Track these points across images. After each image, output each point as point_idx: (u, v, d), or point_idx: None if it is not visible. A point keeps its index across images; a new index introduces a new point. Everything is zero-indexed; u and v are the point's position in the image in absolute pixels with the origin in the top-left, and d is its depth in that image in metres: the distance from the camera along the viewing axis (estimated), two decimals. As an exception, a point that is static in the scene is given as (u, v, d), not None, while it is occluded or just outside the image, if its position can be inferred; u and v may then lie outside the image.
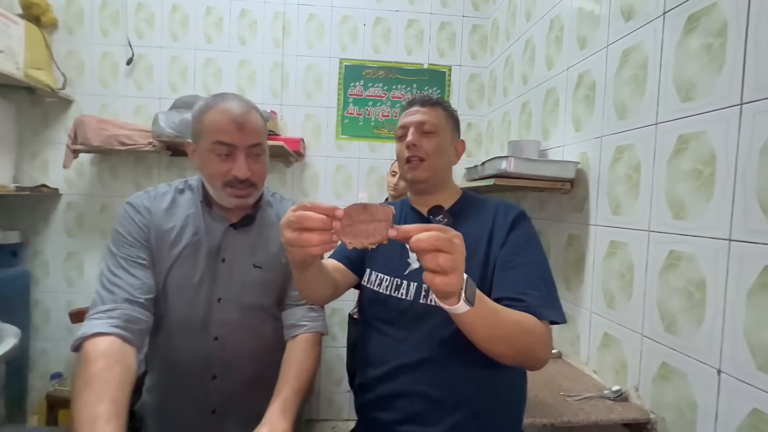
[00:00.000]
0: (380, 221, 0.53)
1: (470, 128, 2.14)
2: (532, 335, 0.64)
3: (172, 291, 0.81)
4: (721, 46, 0.79)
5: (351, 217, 0.53)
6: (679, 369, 0.86)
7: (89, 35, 1.97)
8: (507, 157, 1.20)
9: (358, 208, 0.54)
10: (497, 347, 0.62)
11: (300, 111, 2.06)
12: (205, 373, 0.82)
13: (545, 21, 1.50)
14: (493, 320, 0.59)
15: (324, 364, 2.10)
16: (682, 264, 0.86)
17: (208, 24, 2.01)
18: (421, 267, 0.73)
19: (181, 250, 0.81)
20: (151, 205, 0.83)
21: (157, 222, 0.82)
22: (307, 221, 0.52)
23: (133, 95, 2.00)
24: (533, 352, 0.65)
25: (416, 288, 0.77)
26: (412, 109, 0.84)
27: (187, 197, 0.87)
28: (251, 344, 0.84)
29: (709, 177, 0.80)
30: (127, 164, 2.00)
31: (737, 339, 0.74)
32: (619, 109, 1.08)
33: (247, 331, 0.84)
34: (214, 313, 0.82)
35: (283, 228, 0.54)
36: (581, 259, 1.23)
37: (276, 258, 0.87)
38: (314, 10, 2.04)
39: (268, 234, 0.88)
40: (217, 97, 0.80)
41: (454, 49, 2.11)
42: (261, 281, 0.85)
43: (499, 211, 0.79)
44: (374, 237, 0.53)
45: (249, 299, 0.84)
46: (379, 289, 0.82)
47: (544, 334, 0.66)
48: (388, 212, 0.53)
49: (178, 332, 0.81)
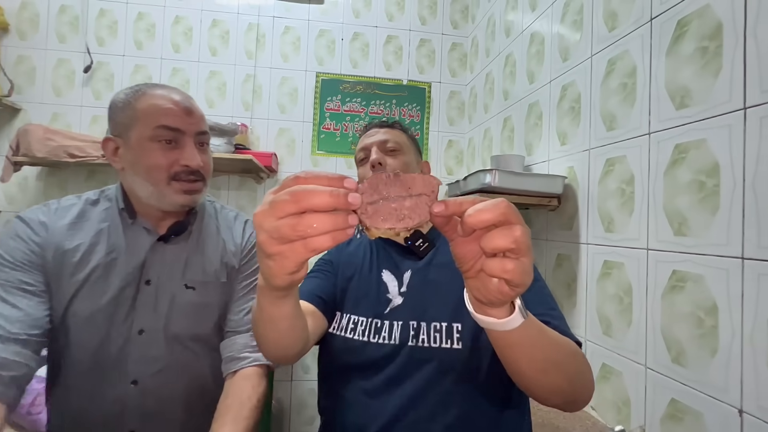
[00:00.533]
0: (420, 195, 0.36)
1: (451, 146, 2.08)
2: (580, 358, 0.51)
3: (75, 324, 0.65)
4: (716, 48, 0.74)
5: (376, 190, 0.35)
6: (693, 407, 0.75)
7: (43, 41, 1.82)
8: (491, 170, 1.11)
9: (385, 178, 0.36)
10: (550, 376, 0.46)
11: (273, 125, 1.96)
12: (118, 429, 0.66)
13: (525, 36, 1.48)
14: (542, 340, 0.44)
15: (295, 400, 1.89)
16: (688, 286, 0.77)
17: (176, 33, 1.90)
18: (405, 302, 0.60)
19: (88, 274, 0.67)
20: (48, 219, 0.69)
21: (56, 240, 0.67)
22: (309, 198, 0.31)
23: (89, 105, 1.84)
24: (585, 381, 0.51)
25: (401, 328, 0.63)
26: (371, 131, 0.79)
27: (101, 208, 0.72)
28: (182, 387, 0.69)
29: (713, 188, 0.73)
30: (79, 178, 1.82)
31: (760, 372, 0.64)
32: (607, 119, 1.02)
33: (177, 370, 0.69)
34: (133, 350, 0.67)
35: (260, 218, 0.33)
36: (572, 281, 1.14)
37: (214, 276, 0.73)
38: (290, 23, 1.97)
39: (205, 248, 0.75)
40: (144, 85, 0.70)
41: (433, 66, 2.07)
42: (195, 305, 0.71)
43: None
44: (411, 219, 0.35)
45: (179, 328, 0.69)
46: (353, 335, 0.66)
47: (585, 359, 0.53)
48: (432, 184, 0.36)
49: (82, 377, 0.65)
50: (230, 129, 1.61)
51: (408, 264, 0.72)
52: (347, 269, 0.75)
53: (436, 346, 0.60)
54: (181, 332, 0.70)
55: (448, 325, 0.61)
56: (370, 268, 0.73)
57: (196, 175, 0.69)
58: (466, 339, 0.61)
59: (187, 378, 0.70)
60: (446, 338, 0.60)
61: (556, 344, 0.46)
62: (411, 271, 0.70)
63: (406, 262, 0.72)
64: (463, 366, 0.54)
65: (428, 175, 0.37)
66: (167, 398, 0.68)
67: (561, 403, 0.51)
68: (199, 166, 0.69)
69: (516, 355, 0.43)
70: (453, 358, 0.59)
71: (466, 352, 0.60)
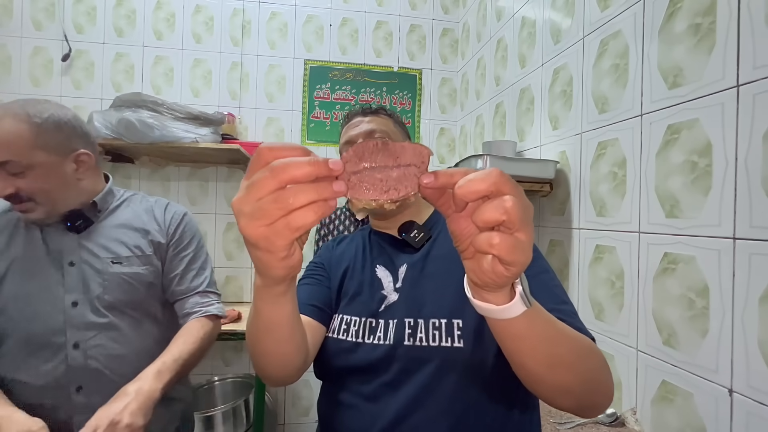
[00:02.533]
0: (408, 166, 0.33)
1: (443, 134, 2.05)
2: (597, 357, 0.46)
3: (9, 307, 0.76)
4: (710, 25, 0.72)
5: (362, 158, 0.33)
6: (683, 389, 0.75)
7: (18, 28, 1.75)
8: (482, 155, 1.09)
9: (372, 146, 0.33)
10: (558, 374, 0.41)
11: (261, 114, 1.91)
12: (65, 388, 0.75)
13: (517, 19, 1.45)
14: (549, 333, 0.39)
15: (290, 393, 1.89)
16: (680, 268, 0.77)
17: (158, 19, 1.84)
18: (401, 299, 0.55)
19: (10, 262, 0.77)
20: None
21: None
22: (288, 170, 0.29)
23: (69, 95, 1.78)
24: (601, 384, 0.46)
25: (396, 326, 0.58)
26: (354, 120, 0.74)
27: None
28: (126, 348, 0.80)
29: (705, 169, 0.72)
30: (61, 172, 1.76)
31: (750, 353, 0.64)
32: (599, 102, 1.01)
33: (118, 333, 0.80)
34: (70, 319, 0.77)
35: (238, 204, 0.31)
36: (565, 266, 1.13)
37: (139, 251, 0.84)
38: (276, 9, 1.92)
39: (123, 231, 0.85)
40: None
41: (424, 52, 2.03)
42: (126, 275, 0.82)
43: None
44: (397, 190, 0.32)
45: (113, 296, 0.80)
46: (346, 336, 0.61)
47: (603, 359, 0.47)
48: (422, 154, 0.33)
49: (24, 350, 0.75)
50: (216, 118, 1.56)
51: (403, 258, 0.67)
52: (339, 268, 0.70)
53: (435, 345, 0.55)
54: (116, 300, 0.80)
55: (448, 322, 0.56)
56: (363, 264, 0.69)
57: (15, 200, 0.74)
58: (468, 336, 0.55)
59: (130, 340, 0.80)
60: (446, 336, 0.55)
61: (566, 339, 0.41)
62: (407, 264, 0.65)
63: (401, 256, 0.67)
64: (465, 366, 0.50)
65: (418, 144, 0.34)
66: (112, 358, 0.78)
67: (573, 407, 0.46)
68: (10, 194, 0.73)
69: (519, 348, 0.39)
70: (454, 357, 0.54)
71: (469, 350, 0.54)
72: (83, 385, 0.75)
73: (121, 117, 1.44)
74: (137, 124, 1.43)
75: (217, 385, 1.75)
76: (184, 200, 1.85)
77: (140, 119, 1.44)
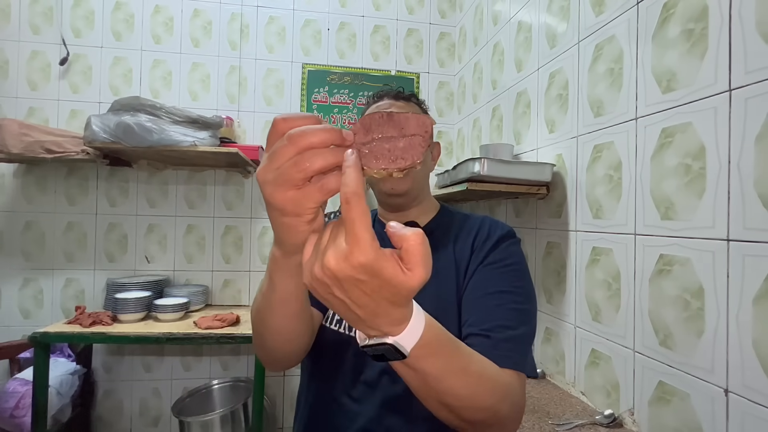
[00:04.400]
0: (414, 136, 0.35)
1: (440, 137, 2.06)
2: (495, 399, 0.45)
3: None
4: (702, 30, 0.73)
5: (369, 130, 0.35)
6: (679, 389, 0.76)
7: (16, 32, 1.75)
8: (480, 158, 1.10)
9: (378, 118, 0.35)
10: (442, 415, 0.43)
11: (260, 117, 1.92)
12: None
13: (513, 23, 1.46)
14: (428, 383, 0.40)
15: (287, 395, 1.88)
16: (675, 269, 0.77)
17: (156, 24, 1.84)
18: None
19: None
20: None
21: None
22: (306, 137, 0.30)
23: (67, 99, 1.78)
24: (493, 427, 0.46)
25: None
26: (384, 102, 0.70)
27: None
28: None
29: (699, 172, 0.73)
30: (58, 176, 1.76)
31: (745, 353, 0.64)
32: (594, 105, 1.02)
33: None
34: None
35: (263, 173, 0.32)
36: (562, 268, 1.14)
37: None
38: (274, 13, 1.93)
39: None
40: None
41: (421, 56, 2.05)
42: None
43: (482, 229, 0.64)
44: (404, 160, 0.34)
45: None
46: (339, 327, 0.61)
47: (504, 387, 0.46)
48: (426, 123, 0.35)
49: None
50: (214, 122, 1.57)
51: None
52: None
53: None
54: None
55: None
56: None
57: None
58: None
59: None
60: None
61: (454, 387, 0.40)
62: None
63: None
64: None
65: (422, 114, 0.35)
66: None
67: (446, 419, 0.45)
68: None
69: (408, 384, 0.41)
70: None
71: None
72: None
73: (119, 121, 1.45)
74: (135, 128, 1.44)
75: (215, 388, 1.74)
76: (182, 204, 1.84)
77: (138, 123, 1.44)
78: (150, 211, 1.82)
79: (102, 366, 1.77)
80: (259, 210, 1.90)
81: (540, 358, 1.24)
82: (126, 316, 1.51)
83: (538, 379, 1.18)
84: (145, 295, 1.58)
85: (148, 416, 1.81)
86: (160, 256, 1.83)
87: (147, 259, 1.82)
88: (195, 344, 1.75)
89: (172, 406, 1.57)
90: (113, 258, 1.79)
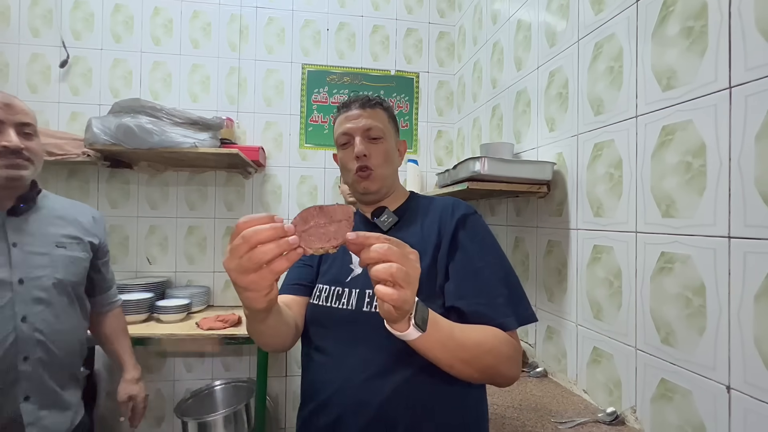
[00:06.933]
0: (340, 221, 0.48)
1: (440, 136, 2.07)
2: (497, 355, 0.60)
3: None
4: (702, 28, 0.73)
5: (306, 220, 0.48)
6: (682, 386, 0.76)
7: (16, 35, 1.76)
8: (480, 157, 1.10)
9: (312, 211, 0.49)
10: (457, 370, 0.58)
11: (260, 119, 1.92)
12: (15, 355, 0.82)
13: (512, 22, 1.46)
14: (449, 344, 0.56)
15: (290, 395, 1.89)
16: (676, 267, 0.78)
17: (155, 25, 1.85)
18: (364, 272, 0.67)
19: None
20: None
21: None
22: (255, 236, 0.44)
23: (67, 101, 1.78)
24: (498, 373, 0.62)
25: (358, 295, 0.68)
26: (353, 112, 0.76)
27: None
28: (63, 324, 0.90)
29: (700, 169, 0.73)
30: (60, 178, 1.77)
31: (747, 350, 0.64)
32: (594, 104, 1.02)
33: (59, 310, 0.89)
34: (18, 296, 0.84)
35: (227, 263, 0.46)
36: (563, 266, 1.14)
37: (76, 240, 0.95)
38: (273, 14, 1.93)
39: (58, 220, 0.94)
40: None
41: (421, 55, 2.05)
42: (69, 258, 0.92)
43: (445, 211, 0.73)
44: (335, 239, 0.47)
45: (62, 275, 0.90)
46: (319, 301, 0.72)
47: (510, 350, 0.62)
48: (348, 211, 0.49)
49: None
50: (215, 123, 1.57)
51: None
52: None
53: None
54: (64, 278, 0.90)
55: None
56: None
57: (17, 155, 0.83)
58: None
59: (69, 317, 0.92)
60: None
61: (466, 345, 0.57)
62: None
63: None
64: None
65: (343, 205, 0.49)
66: (54, 332, 0.88)
67: (475, 382, 0.64)
68: (19, 147, 0.83)
69: (425, 354, 0.55)
70: None
71: None
72: (29, 354, 0.84)
73: (120, 123, 1.45)
74: (136, 130, 1.44)
75: (217, 389, 1.75)
76: (183, 205, 1.85)
77: (139, 125, 1.44)
78: (151, 212, 1.83)
79: (104, 367, 1.77)
80: (259, 211, 1.90)
81: (542, 357, 1.24)
82: (128, 318, 1.51)
83: (540, 377, 1.18)
84: (147, 296, 1.59)
85: (151, 417, 1.81)
86: (161, 258, 1.83)
87: (148, 261, 1.82)
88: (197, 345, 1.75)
89: (175, 407, 1.57)
90: (115, 260, 1.79)
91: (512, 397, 1.04)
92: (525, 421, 0.90)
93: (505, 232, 1.49)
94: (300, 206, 1.94)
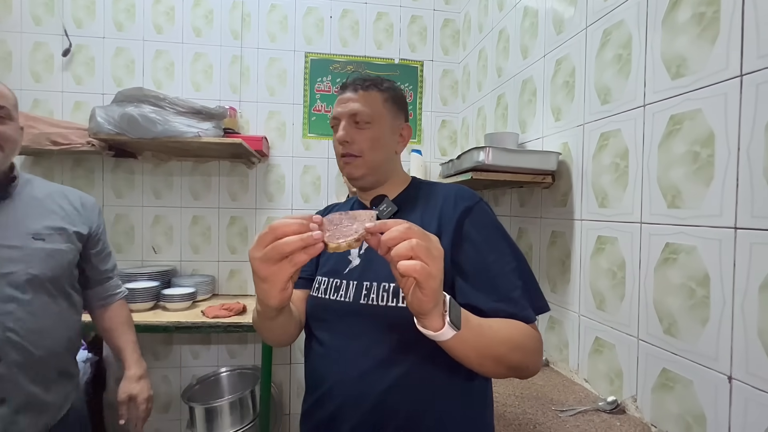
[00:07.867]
0: (363, 221, 0.52)
1: (444, 126, 2.05)
2: (525, 350, 0.59)
3: None
4: (714, 14, 0.71)
5: (332, 221, 0.53)
6: (683, 376, 0.76)
7: (18, 24, 1.75)
8: (484, 147, 1.09)
9: (339, 215, 0.54)
10: (487, 368, 0.57)
11: (263, 108, 1.91)
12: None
13: (519, 9, 1.43)
14: (481, 342, 0.54)
15: (294, 383, 1.92)
16: (681, 258, 0.77)
17: (157, 13, 1.83)
18: (362, 264, 0.68)
19: None
20: None
21: None
22: (282, 228, 0.47)
23: (71, 90, 1.78)
24: (526, 368, 0.61)
25: (355, 287, 0.67)
26: (345, 95, 0.73)
27: None
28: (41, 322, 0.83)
29: (708, 159, 0.72)
30: (65, 167, 1.78)
31: (750, 341, 0.64)
32: (602, 93, 1.00)
33: (36, 308, 0.82)
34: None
35: (253, 251, 0.48)
36: (566, 257, 1.14)
37: (58, 230, 0.88)
38: (276, 1, 1.90)
39: (39, 210, 0.87)
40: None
41: (425, 44, 2.02)
42: (48, 251, 0.85)
43: (447, 201, 0.70)
44: (356, 233, 0.50)
45: (37, 270, 0.82)
46: (318, 293, 0.72)
47: (535, 343, 0.61)
48: (371, 213, 0.53)
49: None
50: (218, 112, 1.56)
51: None
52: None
53: (383, 304, 0.64)
54: (39, 274, 0.82)
55: (396, 287, 0.64)
56: None
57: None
58: None
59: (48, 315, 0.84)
60: (392, 298, 0.64)
61: (495, 341, 0.55)
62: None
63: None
64: (407, 323, 0.54)
65: (367, 210, 0.54)
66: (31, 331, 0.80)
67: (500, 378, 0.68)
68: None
69: (455, 354, 0.53)
70: (398, 315, 0.62)
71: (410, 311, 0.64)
72: (2, 356, 0.76)
73: (124, 112, 1.45)
74: (140, 119, 1.44)
75: (223, 376, 1.78)
76: (187, 195, 1.86)
77: (143, 114, 1.44)
78: (156, 202, 1.84)
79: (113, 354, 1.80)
80: (263, 201, 1.91)
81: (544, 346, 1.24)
82: (135, 306, 1.53)
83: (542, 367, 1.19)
84: (153, 285, 1.61)
85: (159, 402, 1.85)
86: (166, 247, 1.85)
87: (154, 250, 1.84)
88: (203, 333, 1.78)
89: (182, 393, 1.61)
90: (121, 249, 1.81)
91: (514, 386, 1.05)
92: (526, 408, 0.91)
93: (509, 223, 1.48)
94: (303, 196, 1.94)
